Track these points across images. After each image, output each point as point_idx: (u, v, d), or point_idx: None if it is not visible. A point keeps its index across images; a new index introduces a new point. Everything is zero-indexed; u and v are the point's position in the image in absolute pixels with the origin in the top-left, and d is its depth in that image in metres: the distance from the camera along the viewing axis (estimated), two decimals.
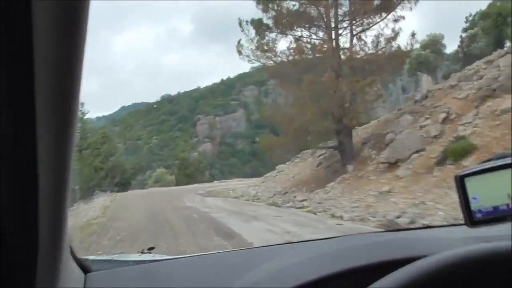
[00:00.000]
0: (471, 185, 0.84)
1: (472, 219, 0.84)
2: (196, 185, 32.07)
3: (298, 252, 1.06)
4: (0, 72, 0.45)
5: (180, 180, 42.20)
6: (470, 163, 9.37)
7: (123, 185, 34.62)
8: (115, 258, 1.23)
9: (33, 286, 0.61)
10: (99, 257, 1.25)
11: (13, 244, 0.58)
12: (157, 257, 1.31)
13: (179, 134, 77.68)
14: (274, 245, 1.34)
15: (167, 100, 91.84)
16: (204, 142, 76.76)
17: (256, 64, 16.79)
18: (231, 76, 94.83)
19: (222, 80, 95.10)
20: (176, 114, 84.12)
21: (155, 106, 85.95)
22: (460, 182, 0.84)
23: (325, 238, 1.25)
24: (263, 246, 1.41)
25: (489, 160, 0.86)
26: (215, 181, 35.67)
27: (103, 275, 1.08)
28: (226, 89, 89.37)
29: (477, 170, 0.84)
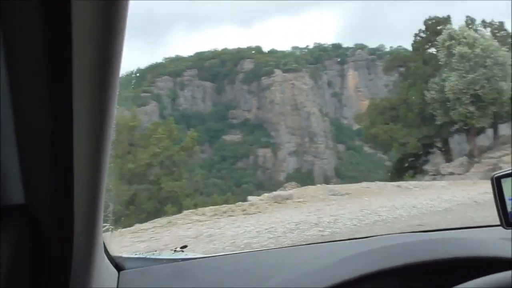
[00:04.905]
0: (508, 186, 0.92)
1: (508, 220, 0.92)
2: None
3: (330, 252, 1.11)
4: (39, 71, 0.48)
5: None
6: None
7: None
8: (148, 256, 1.31)
9: (67, 283, 0.68)
10: (133, 255, 1.32)
11: (49, 242, 0.63)
12: (190, 255, 1.39)
13: None
14: (304, 244, 1.42)
15: None
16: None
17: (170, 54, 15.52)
18: (141, 67, 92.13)
19: (132, 71, 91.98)
20: None
21: None
22: (497, 183, 0.92)
23: (358, 238, 1.30)
24: (292, 246, 1.47)
25: None
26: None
27: (137, 272, 1.16)
28: (136, 80, 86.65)
29: None
